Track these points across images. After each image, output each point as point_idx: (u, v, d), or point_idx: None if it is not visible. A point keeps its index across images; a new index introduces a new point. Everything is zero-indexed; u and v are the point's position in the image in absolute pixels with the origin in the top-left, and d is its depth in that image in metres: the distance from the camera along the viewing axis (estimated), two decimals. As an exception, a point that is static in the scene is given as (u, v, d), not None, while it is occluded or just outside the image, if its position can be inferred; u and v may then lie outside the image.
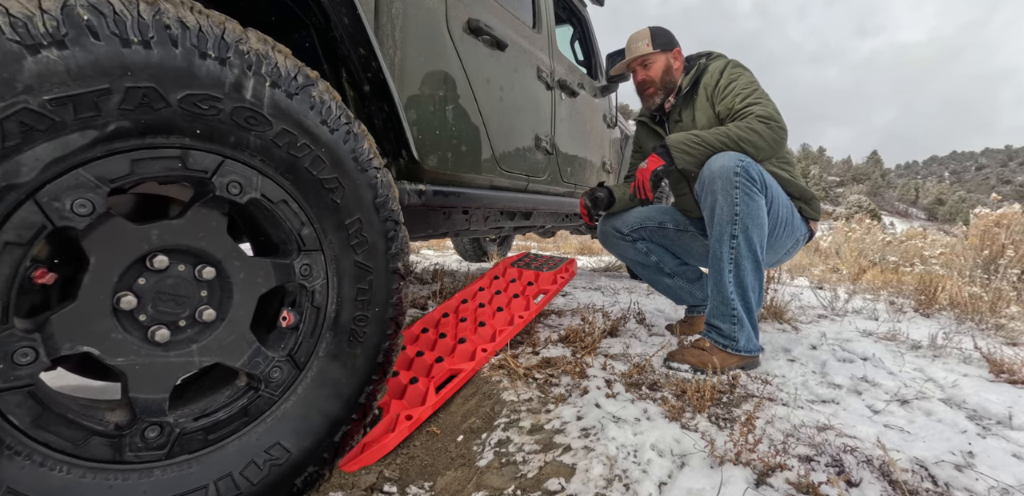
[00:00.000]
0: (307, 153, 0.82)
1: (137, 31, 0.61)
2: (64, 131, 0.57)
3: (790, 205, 1.57)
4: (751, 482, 0.83)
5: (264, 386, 0.82)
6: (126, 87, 0.60)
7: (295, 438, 0.85)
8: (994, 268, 3.42)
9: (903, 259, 4.85)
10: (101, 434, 0.65)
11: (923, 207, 53.73)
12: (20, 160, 0.54)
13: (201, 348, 0.74)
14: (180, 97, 0.66)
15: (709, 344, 1.44)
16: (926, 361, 1.61)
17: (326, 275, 0.89)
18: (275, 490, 0.82)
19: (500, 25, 1.73)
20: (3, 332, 0.55)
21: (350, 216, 0.91)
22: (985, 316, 2.32)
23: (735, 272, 1.42)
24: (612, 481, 0.85)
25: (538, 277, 1.90)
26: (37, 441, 0.59)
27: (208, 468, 0.74)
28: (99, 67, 0.58)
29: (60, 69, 0.55)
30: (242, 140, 0.74)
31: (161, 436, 0.69)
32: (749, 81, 1.55)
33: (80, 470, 0.63)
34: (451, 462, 1.00)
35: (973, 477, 0.89)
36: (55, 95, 0.55)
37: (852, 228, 6.42)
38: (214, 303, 0.76)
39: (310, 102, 0.82)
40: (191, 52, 0.66)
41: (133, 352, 0.67)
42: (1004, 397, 1.30)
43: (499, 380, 1.24)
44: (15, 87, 0.52)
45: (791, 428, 1.04)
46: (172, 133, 0.67)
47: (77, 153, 0.58)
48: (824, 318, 2.30)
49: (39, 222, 0.57)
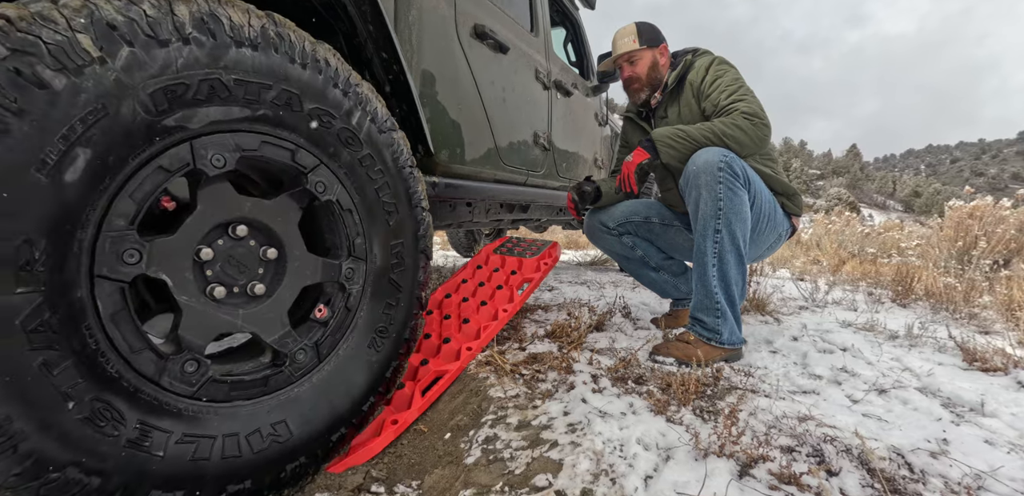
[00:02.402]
0: (380, 178, 1.02)
1: (301, 55, 0.85)
2: (232, 103, 0.76)
3: (773, 200, 1.59)
4: (735, 474, 0.84)
5: (287, 364, 0.89)
6: (281, 88, 0.82)
7: (300, 422, 0.89)
8: (967, 259, 3.52)
9: (881, 251, 4.96)
10: (154, 351, 0.71)
11: (900, 199, 55.03)
12: (197, 112, 0.72)
13: (246, 315, 0.83)
14: (311, 107, 0.87)
15: (693, 337, 1.46)
16: (903, 350, 1.65)
17: (363, 283, 1.01)
18: (267, 467, 0.83)
19: (502, 30, 1.86)
20: (124, 232, 0.66)
21: (396, 239, 1.07)
22: (959, 306, 2.39)
23: (719, 266, 1.44)
24: (599, 476, 0.85)
25: (521, 264, 1.86)
26: (107, 334, 0.66)
27: (222, 421, 0.78)
28: (271, 70, 0.81)
29: (248, 62, 0.77)
30: (338, 153, 0.94)
31: (196, 373, 0.75)
32: (734, 78, 1.56)
33: (260, 400, 0.83)
34: (439, 460, 1.00)
35: (947, 464, 0.92)
36: (238, 77, 0.76)
37: (832, 220, 6.54)
38: (266, 281, 0.87)
39: (392, 141, 1.05)
40: (328, 80, 0.91)
41: (194, 297, 0.76)
42: (977, 385, 1.34)
43: (486, 377, 1.24)
44: (219, 63, 0.73)
45: (773, 419, 1.06)
46: (295, 131, 0.86)
47: (232, 122, 0.77)
48: (805, 309, 2.34)
49: (186, 160, 0.72)
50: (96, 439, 0.63)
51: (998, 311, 2.27)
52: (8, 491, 0.58)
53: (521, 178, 2.08)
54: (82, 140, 0.59)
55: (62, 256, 0.60)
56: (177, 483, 0.71)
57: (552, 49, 2.42)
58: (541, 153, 2.25)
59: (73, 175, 0.59)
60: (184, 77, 0.69)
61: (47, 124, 0.56)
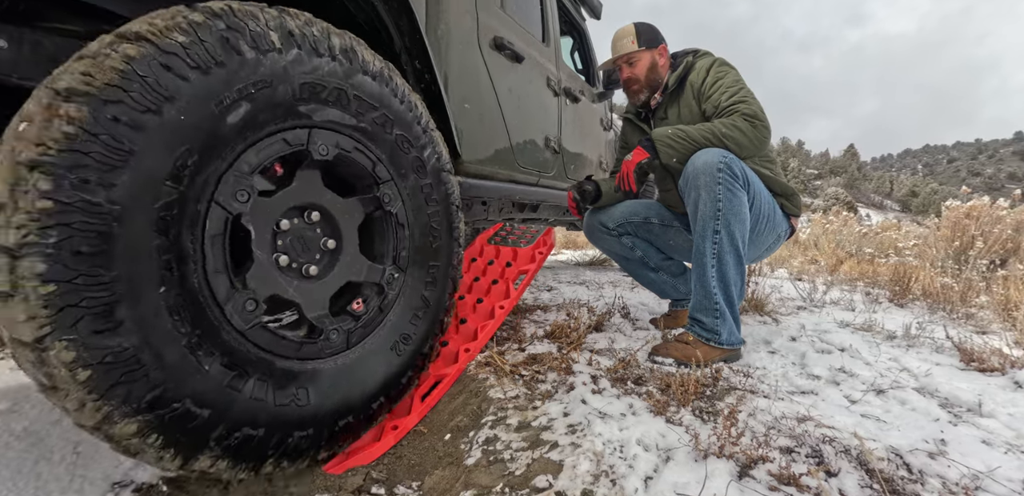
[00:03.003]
0: (433, 206, 1.20)
1: (401, 94, 1.09)
2: (347, 111, 0.96)
3: (772, 201, 1.60)
4: (734, 475, 0.85)
5: (321, 339, 0.96)
6: (382, 112, 1.04)
7: (317, 394, 0.93)
8: (964, 259, 3.53)
9: (878, 250, 4.98)
10: (230, 279, 0.81)
11: (897, 199, 55.19)
12: (323, 109, 0.92)
13: (297, 287, 0.93)
14: (398, 133, 1.08)
15: (692, 338, 1.46)
16: (900, 351, 1.66)
17: (398, 292, 1.13)
18: (281, 424, 0.86)
19: (518, 41, 2.01)
20: (244, 177, 0.80)
21: (434, 261, 1.20)
22: (956, 306, 2.40)
23: (718, 267, 1.44)
24: (599, 477, 0.86)
25: (516, 255, 1.83)
26: (203, 250, 0.76)
27: (256, 366, 0.84)
28: (380, 97, 1.04)
29: (367, 86, 1.00)
30: (407, 175, 1.13)
31: (252, 313, 0.83)
32: (735, 79, 1.56)
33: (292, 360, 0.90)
34: (439, 461, 1.00)
35: (945, 464, 0.92)
36: (358, 94, 0.98)
37: (830, 220, 6.56)
38: (320, 266, 0.99)
39: (448, 180, 1.24)
40: (415, 117, 1.12)
41: (265, 254, 0.88)
42: (974, 385, 1.35)
43: (485, 378, 1.24)
44: (349, 80, 0.96)
45: (772, 420, 1.06)
46: (381, 147, 1.05)
47: (341, 125, 0.96)
48: (803, 309, 2.35)
49: (303, 141, 0.89)
50: (195, 367, 0.73)
51: (995, 311, 2.28)
52: (140, 416, 0.68)
53: (534, 179, 2.23)
54: (248, 97, 0.79)
55: (202, 172, 0.74)
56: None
57: (562, 58, 2.59)
58: (552, 156, 2.40)
59: (233, 119, 0.77)
60: (324, 81, 0.91)
61: (232, 78, 0.76)
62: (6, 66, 0.80)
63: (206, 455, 0.76)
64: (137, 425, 0.68)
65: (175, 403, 0.71)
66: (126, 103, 0.65)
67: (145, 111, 0.67)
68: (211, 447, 0.76)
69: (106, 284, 0.65)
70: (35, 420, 1.19)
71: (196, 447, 0.75)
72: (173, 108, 0.69)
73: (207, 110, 0.73)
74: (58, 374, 0.63)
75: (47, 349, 0.62)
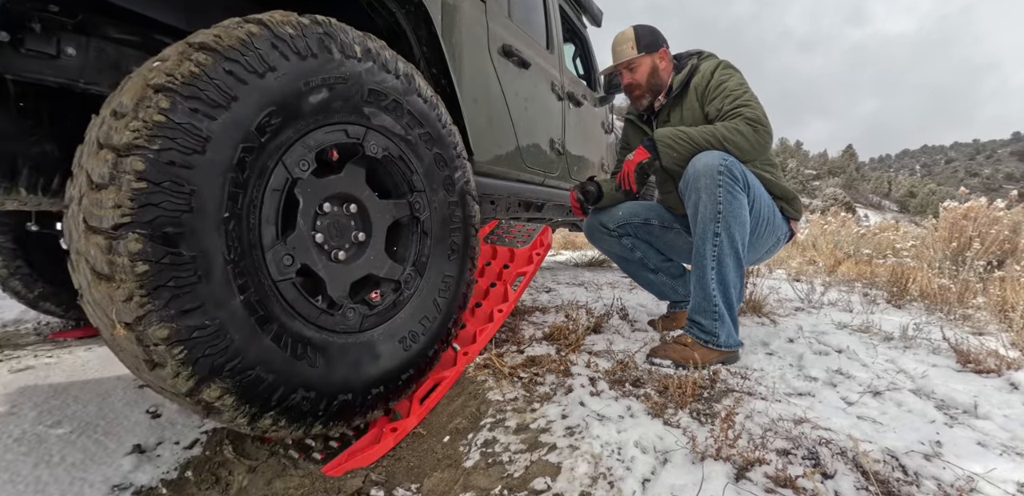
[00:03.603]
0: (457, 224, 1.32)
1: (445, 121, 1.26)
2: (399, 121, 1.13)
3: (772, 204, 1.60)
4: (731, 477, 0.85)
5: (339, 313, 1.02)
6: (427, 130, 1.21)
7: (325, 363, 0.97)
8: (962, 260, 3.54)
9: (876, 251, 4.99)
10: (276, 230, 0.90)
11: (895, 199, 55.27)
12: (380, 115, 1.08)
13: (325, 265, 1.01)
14: (436, 151, 1.24)
15: (691, 340, 1.47)
16: (897, 352, 1.67)
17: (413, 292, 1.20)
18: (292, 379, 0.90)
19: (525, 48, 2.14)
20: (308, 151, 0.93)
21: (449, 273, 1.29)
22: (953, 307, 2.41)
23: (717, 269, 1.44)
24: (597, 479, 0.86)
25: (513, 256, 1.82)
26: (262, 200, 0.87)
27: (283, 320, 0.90)
28: (428, 118, 1.21)
29: (420, 106, 1.18)
30: (437, 190, 1.25)
31: (288, 268, 0.91)
32: (739, 83, 1.56)
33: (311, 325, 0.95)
34: (438, 463, 1.00)
35: (941, 466, 0.93)
36: (411, 109, 1.15)
37: (828, 221, 6.57)
38: (348, 254, 1.08)
39: (473, 205, 1.37)
40: (453, 142, 1.29)
41: (306, 227, 0.98)
42: (970, 387, 1.35)
43: (484, 380, 1.24)
44: (406, 96, 1.13)
45: (769, 422, 1.07)
46: (420, 161, 1.20)
47: (392, 132, 1.11)
48: (801, 311, 2.36)
49: (359, 137, 1.05)
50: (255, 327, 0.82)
51: (991, 312, 2.29)
52: (223, 381, 0.76)
53: (539, 179, 2.35)
54: (329, 87, 0.94)
55: (279, 134, 0.87)
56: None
57: (565, 64, 2.74)
58: (556, 157, 2.54)
59: (313, 99, 0.92)
60: (387, 92, 1.08)
61: (321, 69, 0.92)
62: (74, 72, 0.89)
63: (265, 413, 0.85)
64: (220, 389, 0.77)
65: (249, 370, 0.81)
66: (240, 64, 0.79)
67: (251, 72, 0.81)
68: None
69: (188, 263, 0.73)
70: (34, 423, 1.20)
71: (262, 405, 0.85)
72: (273, 76, 0.84)
73: (297, 86, 0.88)
74: (155, 350, 0.71)
75: (146, 328, 0.69)
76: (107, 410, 1.30)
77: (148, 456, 1.12)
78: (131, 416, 1.28)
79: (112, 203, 0.68)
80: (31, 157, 0.94)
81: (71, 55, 0.88)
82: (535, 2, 2.48)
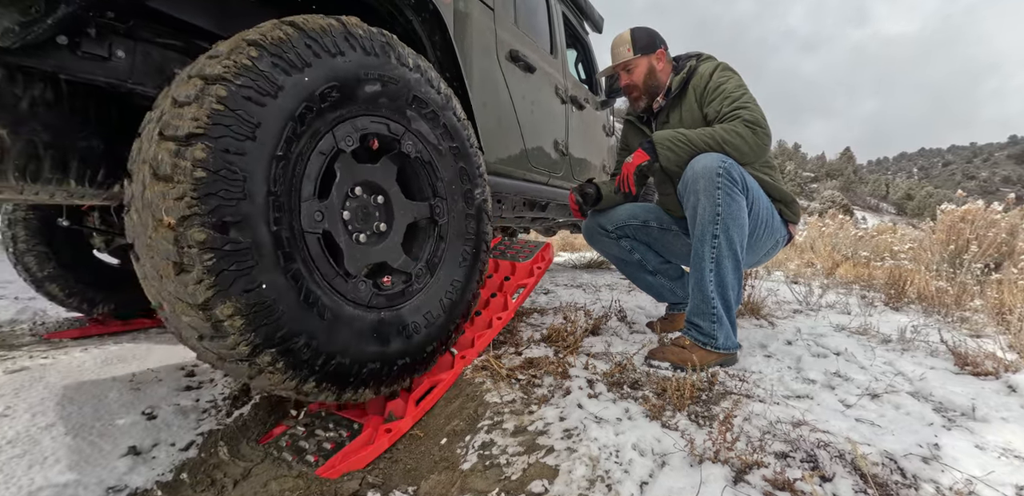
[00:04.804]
0: (472, 235, 1.40)
1: (470, 140, 1.39)
2: (434, 130, 1.27)
3: (771, 207, 1.60)
4: (729, 480, 0.85)
5: (353, 281, 1.07)
6: (455, 144, 1.33)
7: (329, 325, 1.00)
8: (959, 262, 3.55)
9: (874, 254, 5.00)
10: (315, 190, 0.99)
11: (893, 202, 55.42)
12: (419, 120, 1.22)
13: (346, 243, 1.08)
14: (461, 165, 1.36)
15: (689, 342, 1.47)
16: (895, 355, 1.67)
17: (422, 287, 1.26)
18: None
19: (530, 53, 2.24)
20: (352, 131, 1.06)
21: (457, 277, 1.35)
22: (951, 309, 2.41)
23: (716, 271, 1.44)
24: (595, 482, 0.86)
25: (514, 269, 1.85)
26: (307, 161, 0.97)
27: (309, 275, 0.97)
28: (458, 132, 1.34)
29: (453, 121, 1.33)
30: (456, 200, 1.36)
31: (319, 222, 0.99)
32: (738, 85, 1.56)
33: (325, 285, 1.00)
34: (435, 465, 1.00)
35: (939, 469, 0.93)
36: (445, 122, 1.30)
37: (826, 223, 6.58)
38: (369, 240, 1.15)
39: (486, 224, 1.46)
40: (477, 163, 1.42)
41: (338, 199, 1.06)
42: (968, 389, 1.35)
43: (482, 382, 1.24)
44: (444, 109, 1.29)
45: (767, 425, 1.07)
46: (446, 170, 1.32)
47: (425, 138, 1.24)
48: (799, 313, 2.36)
49: (399, 135, 1.18)
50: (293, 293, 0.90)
51: (989, 315, 2.29)
52: (274, 348, 0.86)
53: (544, 179, 2.46)
54: (382, 83, 1.09)
55: (334, 109, 1.00)
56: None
57: (568, 69, 2.85)
58: (560, 158, 2.64)
59: (367, 89, 1.06)
60: (430, 103, 1.24)
61: (379, 67, 1.08)
62: (123, 73, 0.97)
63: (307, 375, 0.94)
64: (271, 356, 0.86)
65: (263, 293, 0.86)
66: (319, 43, 0.95)
67: (325, 51, 0.96)
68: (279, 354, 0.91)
69: (246, 248, 0.82)
70: (29, 424, 1.19)
71: (306, 370, 0.93)
72: (337, 60, 0.98)
73: (357, 72, 1.03)
74: (222, 326, 0.80)
75: (213, 307, 0.78)
76: (102, 411, 1.29)
77: (143, 458, 1.11)
78: (127, 417, 1.28)
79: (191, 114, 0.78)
80: (80, 151, 1.01)
81: (120, 57, 0.96)
82: (540, 9, 2.59)
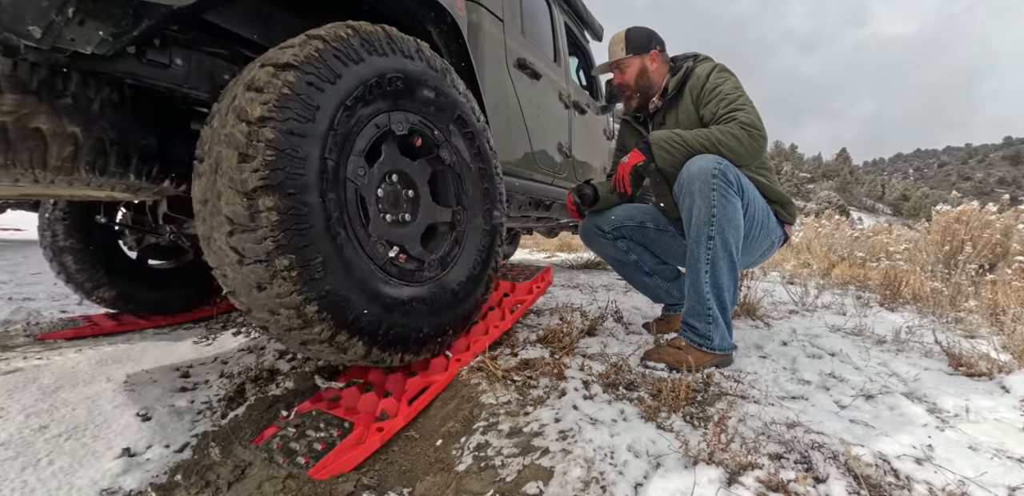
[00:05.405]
0: (483, 247, 1.51)
1: (496, 164, 1.56)
2: (466, 141, 1.44)
3: (766, 208, 1.60)
4: (723, 481, 0.85)
5: (371, 256, 1.17)
6: (480, 155, 1.49)
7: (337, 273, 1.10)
8: (954, 263, 3.57)
9: (870, 254, 5.02)
10: (361, 168, 1.14)
11: (889, 203, 55.66)
12: (457, 136, 1.40)
13: (374, 219, 1.19)
14: (486, 186, 1.51)
15: (685, 343, 1.47)
16: (890, 355, 1.68)
17: (435, 275, 1.35)
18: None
19: (536, 61, 2.40)
20: (399, 122, 1.22)
21: (464, 282, 1.42)
22: (946, 310, 2.42)
23: (711, 272, 1.45)
24: (589, 483, 0.86)
25: (514, 288, 1.90)
26: (355, 141, 1.12)
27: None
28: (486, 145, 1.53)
29: (477, 126, 1.50)
30: (476, 214, 1.49)
31: (351, 197, 1.11)
32: (734, 86, 1.56)
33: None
34: (430, 467, 1.00)
35: (932, 470, 0.93)
36: (477, 133, 1.47)
37: (822, 224, 6.61)
38: (390, 226, 1.25)
39: (499, 235, 1.58)
40: (497, 189, 1.57)
41: (380, 170, 1.20)
42: (962, 390, 1.36)
43: (478, 383, 1.24)
44: (475, 118, 1.47)
45: (762, 426, 1.07)
46: (470, 177, 1.47)
47: (461, 144, 1.42)
48: (795, 313, 2.36)
49: (440, 141, 1.34)
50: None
51: (983, 315, 2.30)
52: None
53: (549, 179, 2.59)
54: (435, 93, 1.28)
55: (395, 97, 1.18)
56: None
57: (570, 75, 3.02)
58: (564, 160, 2.78)
59: (423, 93, 1.24)
60: (469, 125, 1.42)
61: (436, 80, 1.29)
62: (180, 78, 1.08)
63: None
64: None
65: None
66: (397, 48, 1.17)
67: (403, 54, 1.19)
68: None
69: (305, 213, 0.95)
70: (22, 426, 1.18)
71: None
72: (410, 61, 1.21)
73: (418, 75, 1.22)
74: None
75: (274, 259, 0.91)
76: (96, 413, 1.29)
77: (137, 460, 1.10)
78: (121, 419, 1.27)
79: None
80: (139, 149, 1.12)
81: (179, 65, 1.07)
82: (544, 19, 2.73)
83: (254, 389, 1.45)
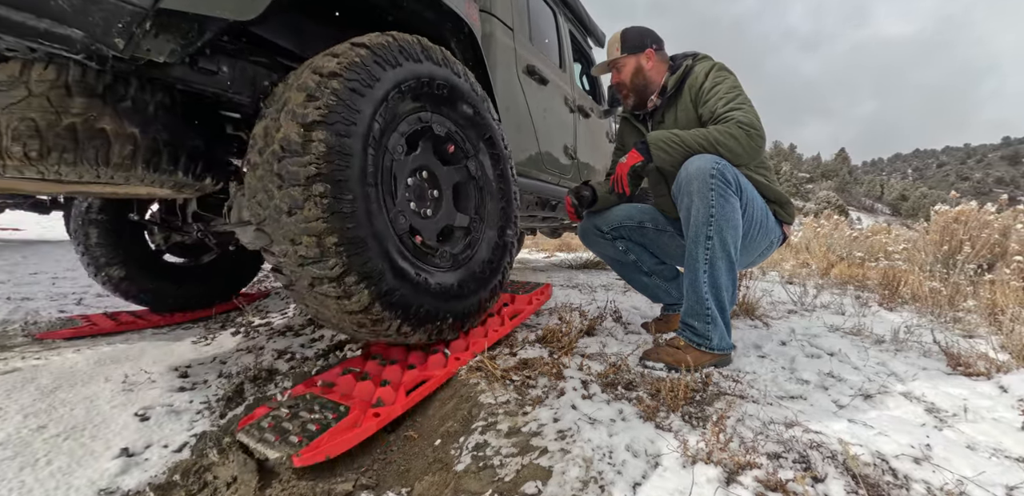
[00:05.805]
0: (494, 261, 1.62)
1: (511, 182, 1.72)
2: (486, 156, 1.61)
3: (765, 208, 1.60)
4: (722, 481, 0.85)
5: (397, 213, 1.32)
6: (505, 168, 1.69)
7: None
8: (952, 263, 3.57)
9: (868, 254, 5.02)
10: (399, 151, 1.30)
11: (887, 203, 55.74)
12: (484, 151, 1.60)
13: (398, 203, 1.31)
14: (501, 206, 1.66)
15: (683, 343, 1.47)
16: (888, 355, 1.68)
17: (446, 263, 1.45)
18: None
19: (544, 68, 2.55)
20: (434, 124, 1.39)
21: (469, 270, 1.52)
22: (944, 310, 2.42)
23: (710, 272, 1.45)
24: (588, 483, 0.86)
25: (514, 299, 1.93)
26: (397, 128, 1.29)
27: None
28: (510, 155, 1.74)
29: (504, 151, 1.69)
30: (492, 223, 1.64)
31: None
32: (732, 85, 1.56)
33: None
34: (428, 467, 1.00)
35: (930, 469, 0.93)
36: (497, 142, 1.67)
37: (821, 224, 6.61)
38: (412, 216, 1.37)
39: (509, 252, 1.68)
40: (511, 200, 1.70)
41: (410, 159, 1.36)
42: (960, 390, 1.36)
43: (476, 382, 1.24)
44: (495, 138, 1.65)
45: (761, 426, 1.07)
46: (488, 184, 1.62)
47: (488, 148, 1.61)
48: (794, 313, 2.37)
49: (469, 153, 1.54)
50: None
51: (981, 315, 2.30)
52: (397, 311, 1.19)
53: (555, 180, 2.72)
54: (472, 109, 1.48)
55: (440, 102, 1.39)
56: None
57: (575, 81, 3.17)
58: (569, 162, 2.91)
59: (463, 108, 1.43)
60: (497, 147, 1.60)
61: (475, 101, 1.50)
62: (226, 84, 1.17)
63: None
64: (357, 276, 1.10)
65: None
66: (449, 67, 1.40)
67: (455, 73, 1.41)
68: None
69: (350, 199, 1.07)
70: (20, 426, 1.18)
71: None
72: (455, 75, 1.42)
73: (461, 90, 1.43)
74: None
75: (325, 237, 1.02)
76: (94, 413, 1.29)
77: (136, 460, 1.10)
78: (119, 419, 1.27)
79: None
80: (188, 149, 1.20)
81: (225, 72, 1.16)
82: (550, 28, 2.88)
83: (253, 389, 1.45)
